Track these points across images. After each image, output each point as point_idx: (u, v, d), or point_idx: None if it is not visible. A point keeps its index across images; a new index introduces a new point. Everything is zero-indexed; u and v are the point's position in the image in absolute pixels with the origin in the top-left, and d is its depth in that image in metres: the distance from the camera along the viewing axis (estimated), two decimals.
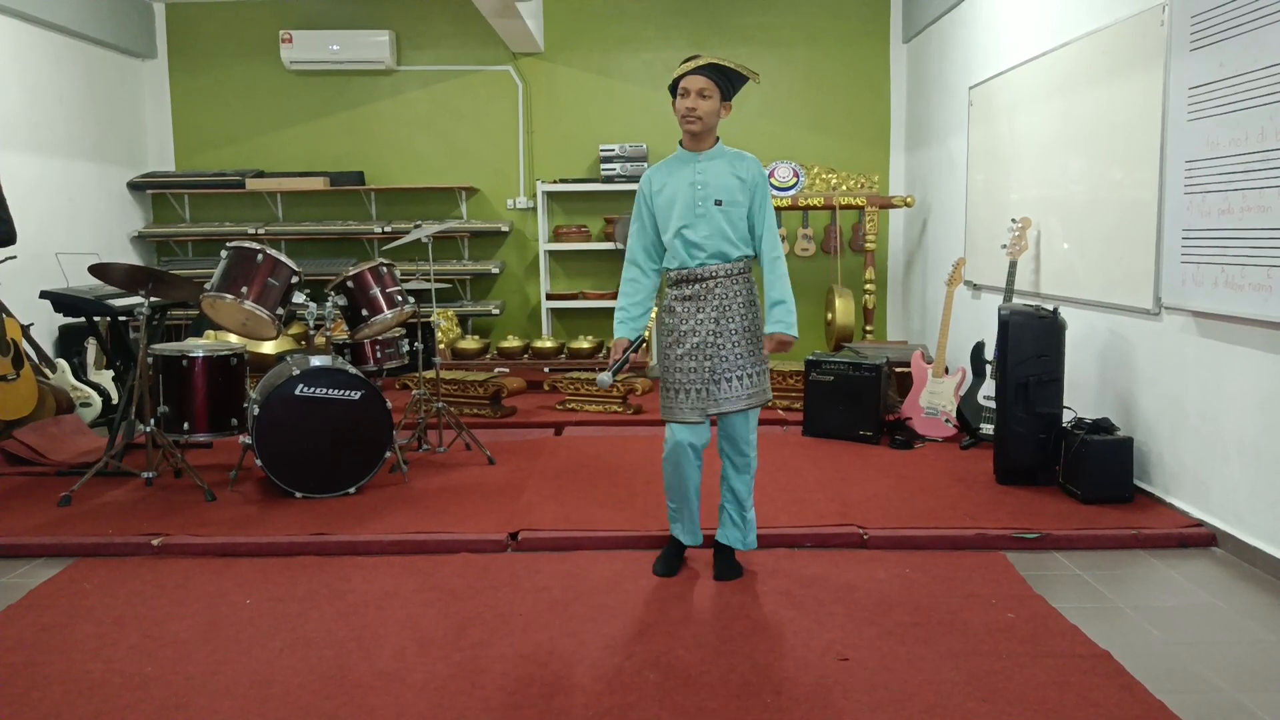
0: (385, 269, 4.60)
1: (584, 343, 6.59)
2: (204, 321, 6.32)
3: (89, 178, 6.82)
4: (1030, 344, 4.23)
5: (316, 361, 4.26)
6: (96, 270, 4.26)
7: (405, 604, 3.12)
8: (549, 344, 6.64)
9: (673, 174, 3.21)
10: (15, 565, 3.56)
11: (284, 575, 3.40)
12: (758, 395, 3.25)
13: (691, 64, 3.13)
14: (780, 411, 5.85)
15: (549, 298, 7.33)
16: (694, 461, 3.25)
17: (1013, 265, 4.88)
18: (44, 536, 3.72)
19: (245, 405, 4.48)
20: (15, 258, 5.17)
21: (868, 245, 6.76)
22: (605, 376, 3.00)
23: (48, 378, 5.37)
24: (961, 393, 5.11)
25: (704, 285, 3.19)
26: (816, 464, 4.69)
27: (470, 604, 3.11)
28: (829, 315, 6.87)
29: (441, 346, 6.51)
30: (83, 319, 5.23)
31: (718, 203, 3.17)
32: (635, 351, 3.23)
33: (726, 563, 3.36)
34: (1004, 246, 5.00)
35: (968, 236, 5.97)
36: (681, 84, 3.14)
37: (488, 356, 6.72)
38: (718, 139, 3.25)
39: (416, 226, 4.96)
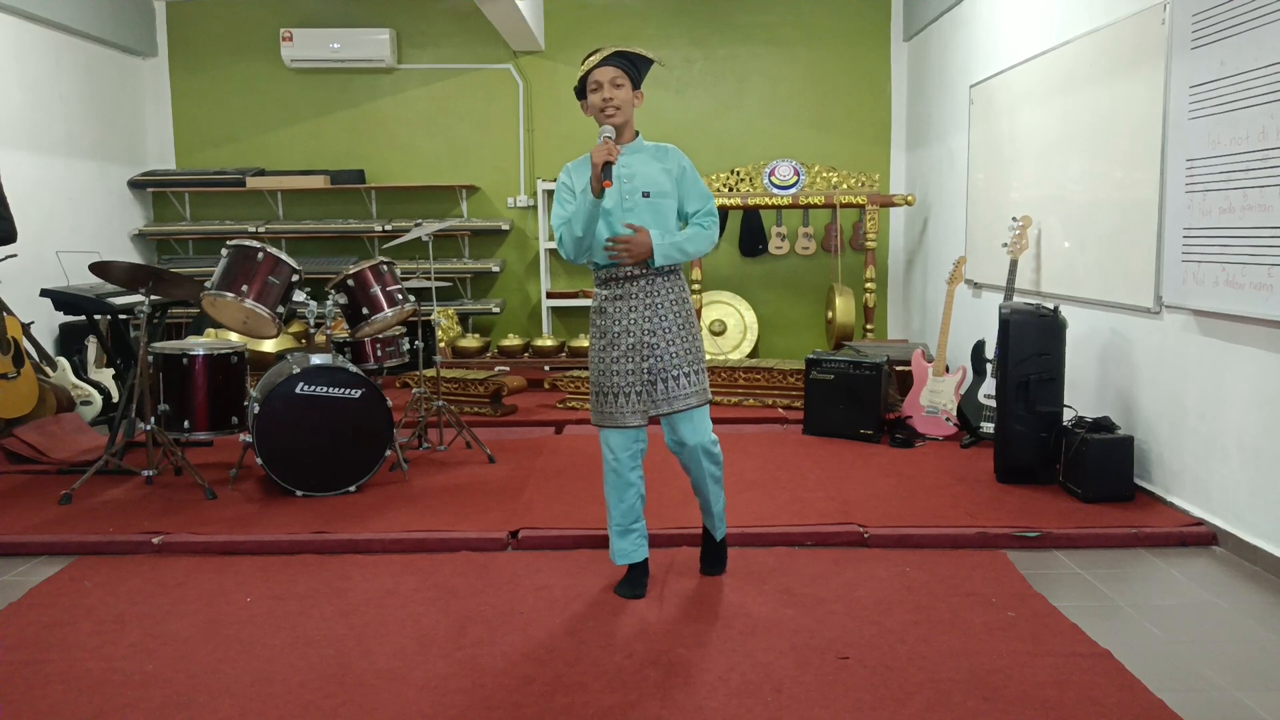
0: (386, 267, 4.60)
1: (584, 341, 6.59)
2: (204, 320, 6.33)
3: (89, 176, 6.82)
4: (1031, 343, 4.22)
5: (317, 360, 4.26)
6: (97, 268, 4.26)
7: (406, 602, 3.12)
8: (549, 342, 6.64)
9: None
10: (16, 563, 3.56)
11: (284, 573, 3.40)
12: (700, 393, 3.12)
13: (596, 56, 3.03)
14: (780, 410, 5.85)
15: (549, 296, 7.33)
16: (636, 468, 3.12)
17: (1013, 264, 4.88)
18: (44, 534, 3.72)
19: (246, 403, 4.48)
20: (16, 256, 5.17)
21: (868, 244, 6.76)
22: (608, 129, 2.99)
23: (48, 376, 5.37)
24: (962, 391, 5.11)
25: (635, 284, 3.06)
26: (817, 463, 4.69)
27: (471, 602, 3.11)
28: (829, 314, 6.87)
29: (442, 345, 6.51)
30: (83, 317, 5.24)
31: (645, 195, 3.05)
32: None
33: (712, 558, 3.36)
34: (1004, 245, 5.00)
35: (968, 235, 5.96)
36: (591, 78, 3.02)
37: (488, 355, 6.72)
38: (637, 133, 3.15)
39: (417, 225, 4.96)
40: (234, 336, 5.42)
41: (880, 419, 5.17)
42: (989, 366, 4.94)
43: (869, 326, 6.86)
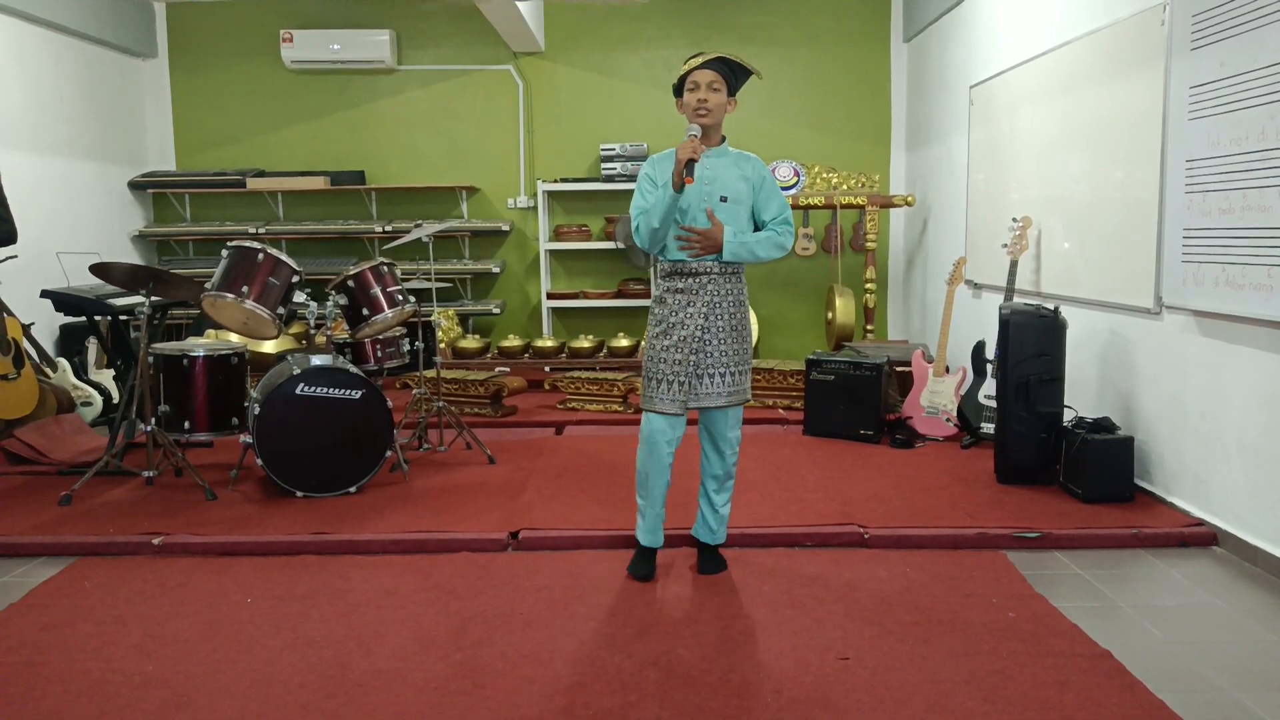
0: (386, 268, 4.60)
1: (584, 342, 6.60)
2: (205, 321, 6.32)
3: (90, 177, 6.82)
4: (1031, 343, 4.22)
5: (317, 361, 4.26)
6: (97, 269, 4.26)
7: (406, 603, 3.12)
8: (549, 343, 6.64)
9: None
10: (16, 564, 3.56)
11: (285, 574, 3.40)
12: (738, 394, 3.26)
13: (700, 58, 3.16)
14: (781, 411, 5.85)
15: (549, 297, 7.33)
16: (667, 454, 3.24)
17: (1013, 264, 4.88)
18: (44, 536, 3.72)
19: (246, 404, 4.48)
20: (16, 257, 5.17)
21: (868, 244, 6.76)
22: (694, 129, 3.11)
23: (49, 377, 5.37)
24: (962, 392, 5.11)
25: (697, 280, 3.19)
26: (817, 463, 4.69)
27: (471, 603, 3.11)
28: (829, 314, 6.87)
29: (442, 346, 6.51)
30: (83, 318, 5.23)
31: (723, 199, 3.19)
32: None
33: (709, 557, 3.40)
34: (1005, 246, 5.00)
35: (968, 236, 5.96)
36: (691, 78, 3.15)
37: (488, 356, 6.72)
38: (724, 137, 3.25)
39: (417, 226, 4.96)
40: (234, 337, 5.41)
41: (880, 419, 5.17)
42: (989, 367, 4.94)
43: (869, 327, 6.86)
